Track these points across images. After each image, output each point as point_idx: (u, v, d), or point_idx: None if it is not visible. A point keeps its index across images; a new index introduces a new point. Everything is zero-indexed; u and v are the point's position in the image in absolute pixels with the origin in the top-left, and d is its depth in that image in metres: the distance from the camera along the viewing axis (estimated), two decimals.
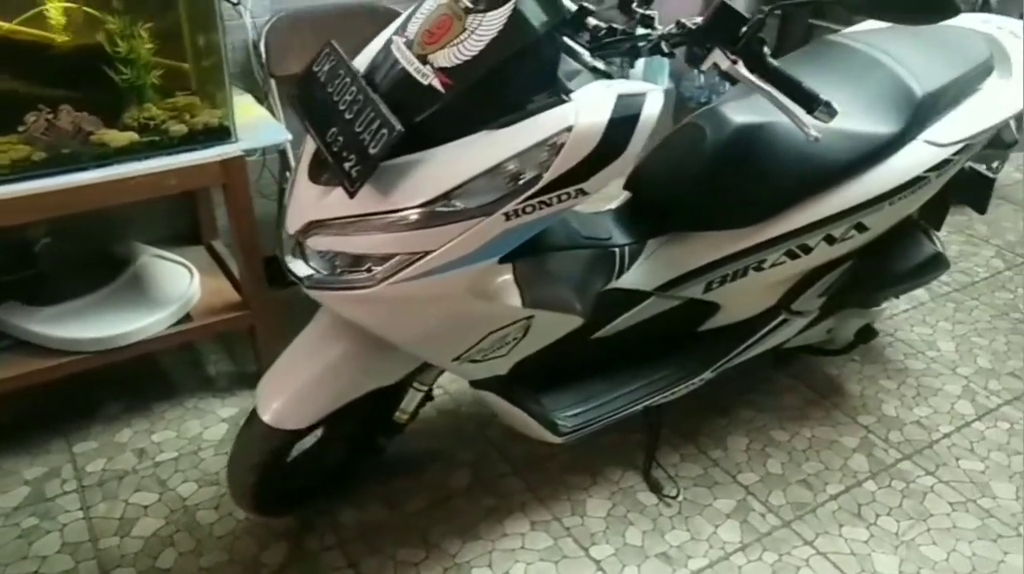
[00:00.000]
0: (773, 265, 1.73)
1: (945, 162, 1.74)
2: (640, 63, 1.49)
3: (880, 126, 1.69)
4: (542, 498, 1.84)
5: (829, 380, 2.23)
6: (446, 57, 1.21)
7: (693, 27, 1.30)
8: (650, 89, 1.25)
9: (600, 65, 1.32)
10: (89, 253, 2.13)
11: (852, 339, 2.14)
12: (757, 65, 1.32)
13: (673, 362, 1.85)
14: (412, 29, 1.29)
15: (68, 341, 1.85)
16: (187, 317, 2.00)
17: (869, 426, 2.08)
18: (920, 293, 2.59)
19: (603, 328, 1.71)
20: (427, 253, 1.21)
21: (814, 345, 2.15)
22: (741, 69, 1.29)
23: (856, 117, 1.70)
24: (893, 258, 1.96)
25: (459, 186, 1.19)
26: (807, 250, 1.73)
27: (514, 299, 1.35)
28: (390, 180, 1.21)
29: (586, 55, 1.30)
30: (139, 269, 2.11)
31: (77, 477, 1.84)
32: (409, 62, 1.24)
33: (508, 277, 1.35)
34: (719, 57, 1.29)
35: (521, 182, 1.20)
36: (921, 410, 2.13)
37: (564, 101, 1.20)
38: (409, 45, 1.26)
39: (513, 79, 1.21)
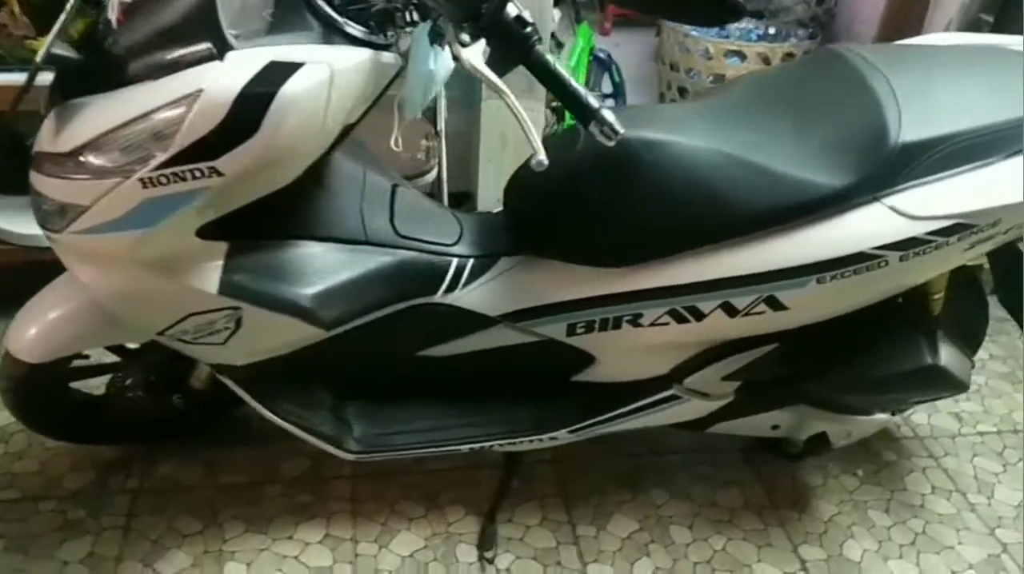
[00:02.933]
0: (654, 324, 1.35)
1: (913, 242, 1.22)
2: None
3: (825, 172, 1.23)
4: (358, 513, 1.63)
5: (799, 489, 1.73)
6: None
7: None
8: (312, 60, 0.99)
9: (356, 30, 1.08)
10: None
11: (801, 446, 1.64)
12: (512, 54, 1.00)
13: (527, 409, 1.53)
14: None
15: None
16: None
17: (808, 563, 1.59)
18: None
19: (427, 347, 1.45)
20: (87, 208, 1.09)
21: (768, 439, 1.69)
22: (470, 56, 0.98)
23: (793, 154, 1.25)
24: (869, 356, 1.44)
25: (96, 138, 1.03)
26: (698, 315, 1.32)
27: (206, 284, 1.17)
28: (69, 119, 1.08)
29: (333, 14, 1.07)
30: None
31: None
32: None
33: (211, 257, 1.17)
34: (452, 37, 0.99)
35: (156, 147, 1.01)
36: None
37: (214, 58, 0.99)
38: None
39: (174, 23, 1.01)
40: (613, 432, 1.52)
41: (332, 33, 1.07)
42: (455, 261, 1.38)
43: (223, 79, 0.98)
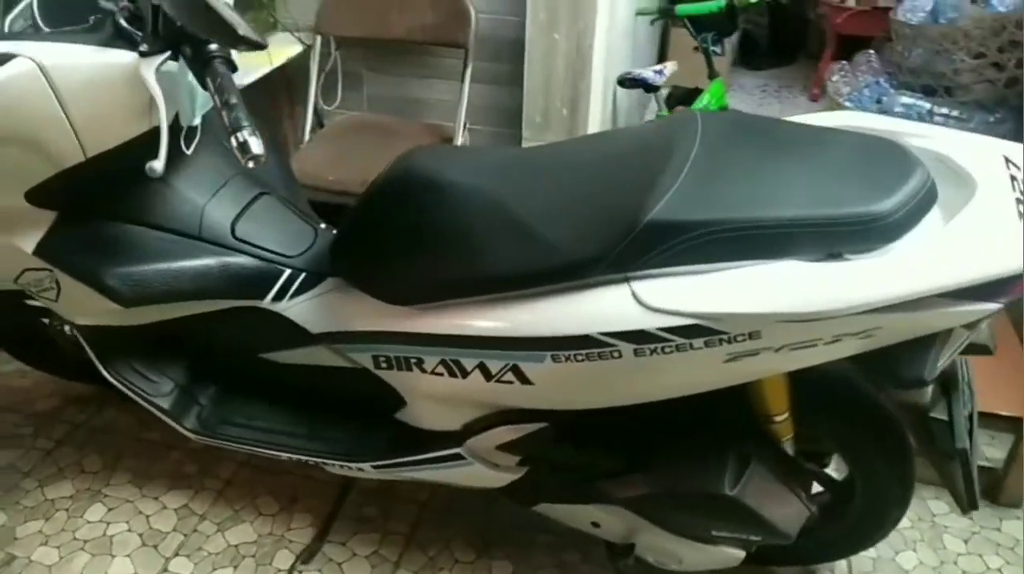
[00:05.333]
0: (432, 372, 1.29)
1: (644, 335, 1.04)
2: None
3: (579, 241, 1.10)
4: (222, 495, 1.73)
5: None
6: None
7: None
8: (26, 54, 1.11)
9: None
10: None
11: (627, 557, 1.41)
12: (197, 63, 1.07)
13: (346, 434, 1.52)
14: None
15: None
16: None
17: None
18: None
19: (264, 351, 1.52)
20: None
21: None
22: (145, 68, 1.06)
23: (563, 217, 1.14)
24: (666, 465, 1.25)
25: None
26: (463, 372, 1.25)
27: (26, 244, 1.35)
28: None
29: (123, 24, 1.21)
30: None
31: None
32: None
33: (38, 221, 1.35)
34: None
35: None
36: None
37: None
38: None
39: None
40: (416, 479, 1.46)
41: (119, 40, 1.20)
42: (287, 272, 1.44)
43: None
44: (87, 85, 1.17)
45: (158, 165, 1.08)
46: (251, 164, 1.04)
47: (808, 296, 0.97)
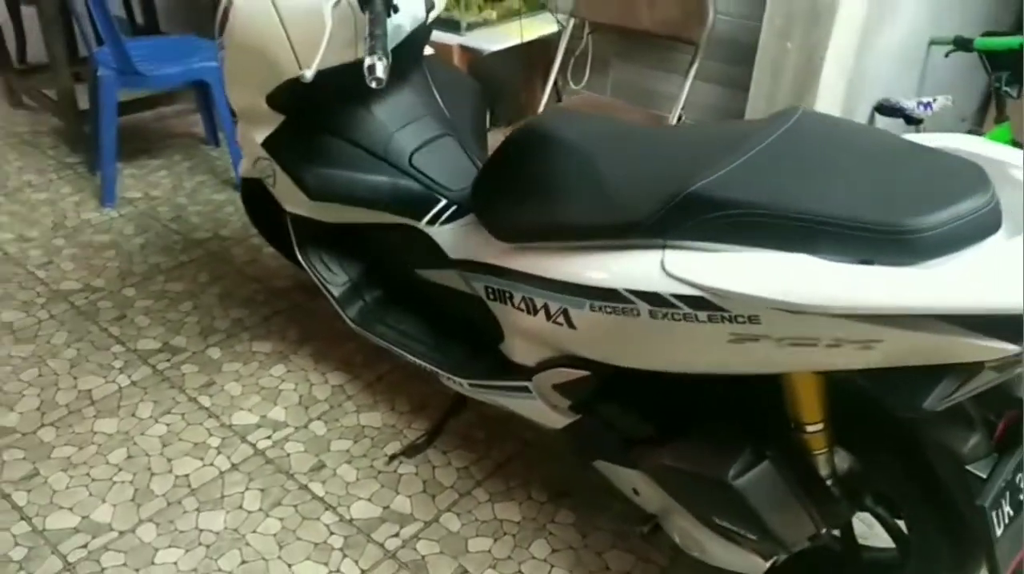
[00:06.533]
0: (516, 307, 1.45)
1: (658, 298, 1.10)
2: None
3: (627, 202, 1.19)
4: (357, 376, 2.04)
5: None
6: None
7: None
8: None
9: None
10: None
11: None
12: None
13: (461, 352, 1.73)
14: None
15: None
16: None
17: None
18: None
19: (417, 267, 1.78)
20: None
21: None
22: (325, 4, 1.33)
23: (626, 179, 1.24)
24: (684, 441, 1.28)
25: None
26: (534, 309, 1.38)
27: (258, 136, 1.73)
28: None
29: None
30: None
31: None
32: None
33: (271, 120, 1.72)
34: None
35: None
36: None
37: None
38: None
39: None
40: (497, 403, 1.62)
41: None
42: (443, 202, 1.68)
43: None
44: (302, 13, 1.49)
45: (308, 72, 1.36)
46: (373, 84, 1.27)
47: (796, 288, 0.98)
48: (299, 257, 1.93)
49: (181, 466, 1.80)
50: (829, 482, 1.24)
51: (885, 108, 2.60)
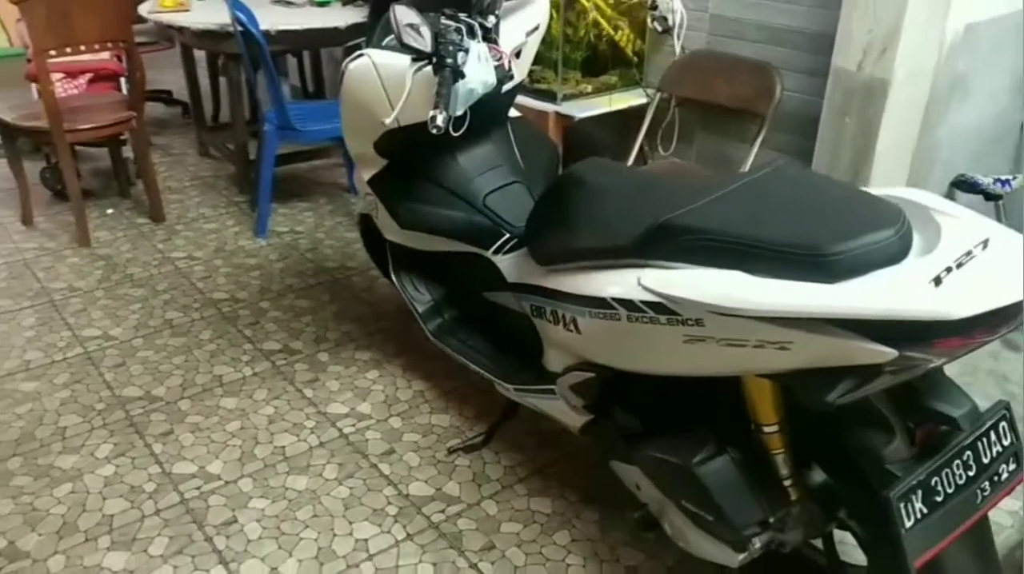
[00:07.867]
0: (548, 320, 1.74)
1: (631, 304, 1.37)
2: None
3: (623, 230, 1.47)
4: (432, 373, 2.35)
5: None
6: None
7: None
8: (367, 54, 1.83)
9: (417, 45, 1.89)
10: None
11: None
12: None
13: (513, 363, 2.01)
14: None
15: None
16: None
17: None
18: None
19: (484, 290, 2.10)
20: None
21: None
22: (408, 70, 1.71)
23: (629, 213, 1.51)
24: (655, 435, 1.51)
25: None
26: (558, 320, 1.68)
27: (366, 174, 2.14)
28: None
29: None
30: None
31: None
32: None
33: (377, 163, 2.13)
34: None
35: None
36: None
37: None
38: None
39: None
40: (533, 405, 1.89)
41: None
42: (506, 235, 2.01)
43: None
44: (396, 75, 1.88)
45: (387, 120, 1.74)
46: (433, 131, 1.62)
47: (726, 295, 1.22)
48: (393, 278, 2.31)
49: (280, 439, 2.19)
50: (788, 482, 1.43)
51: (963, 184, 2.70)
